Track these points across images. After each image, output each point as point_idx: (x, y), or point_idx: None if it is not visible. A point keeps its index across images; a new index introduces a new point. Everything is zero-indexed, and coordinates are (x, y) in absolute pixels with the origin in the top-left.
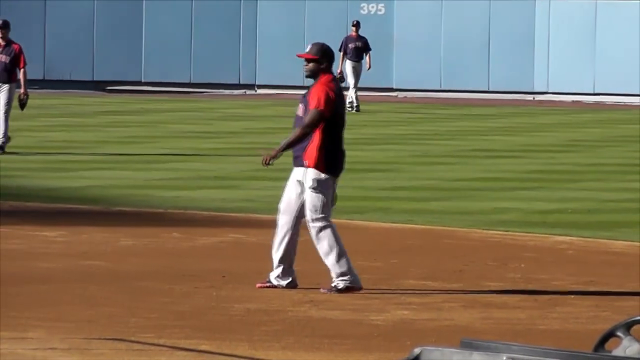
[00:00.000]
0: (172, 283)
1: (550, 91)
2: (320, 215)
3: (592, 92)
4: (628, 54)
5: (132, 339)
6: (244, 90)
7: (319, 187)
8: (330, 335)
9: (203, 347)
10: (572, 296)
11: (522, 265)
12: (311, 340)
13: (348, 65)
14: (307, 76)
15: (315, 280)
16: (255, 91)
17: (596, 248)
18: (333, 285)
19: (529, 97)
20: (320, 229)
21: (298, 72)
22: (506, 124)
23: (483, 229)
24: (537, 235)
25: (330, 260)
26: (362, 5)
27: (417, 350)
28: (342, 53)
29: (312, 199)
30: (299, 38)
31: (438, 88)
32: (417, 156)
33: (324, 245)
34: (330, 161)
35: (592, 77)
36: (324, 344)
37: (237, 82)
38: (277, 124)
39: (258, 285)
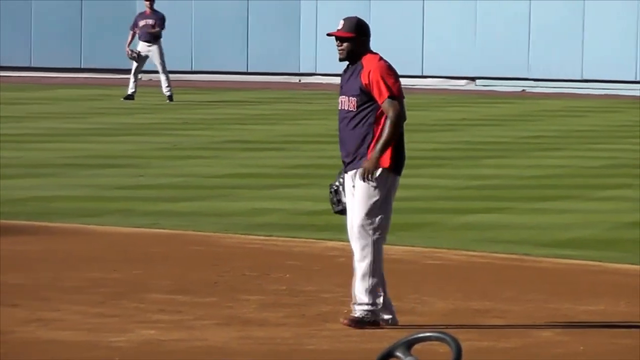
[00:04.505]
0: None
1: (318, 72)
2: (377, 225)
3: None
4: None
5: None
6: None
7: (383, 188)
8: None
9: None
10: (346, 311)
11: (287, 275)
12: None
13: (141, 47)
14: (342, 59)
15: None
16: None
17: None
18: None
19: (295, 80)
20: (373, 243)
21: None
22: (268, 111)
23: (240, 234)
24: (304, 240)
25: (362, 284)
26: None
27: None
28: (131, 32)
29: (369, 204)
30: None
31: (189, 69)
32: (164, 149)
33: (365, 264)
34: (399, 159)
35: None
36: None
37: None
38: None
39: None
